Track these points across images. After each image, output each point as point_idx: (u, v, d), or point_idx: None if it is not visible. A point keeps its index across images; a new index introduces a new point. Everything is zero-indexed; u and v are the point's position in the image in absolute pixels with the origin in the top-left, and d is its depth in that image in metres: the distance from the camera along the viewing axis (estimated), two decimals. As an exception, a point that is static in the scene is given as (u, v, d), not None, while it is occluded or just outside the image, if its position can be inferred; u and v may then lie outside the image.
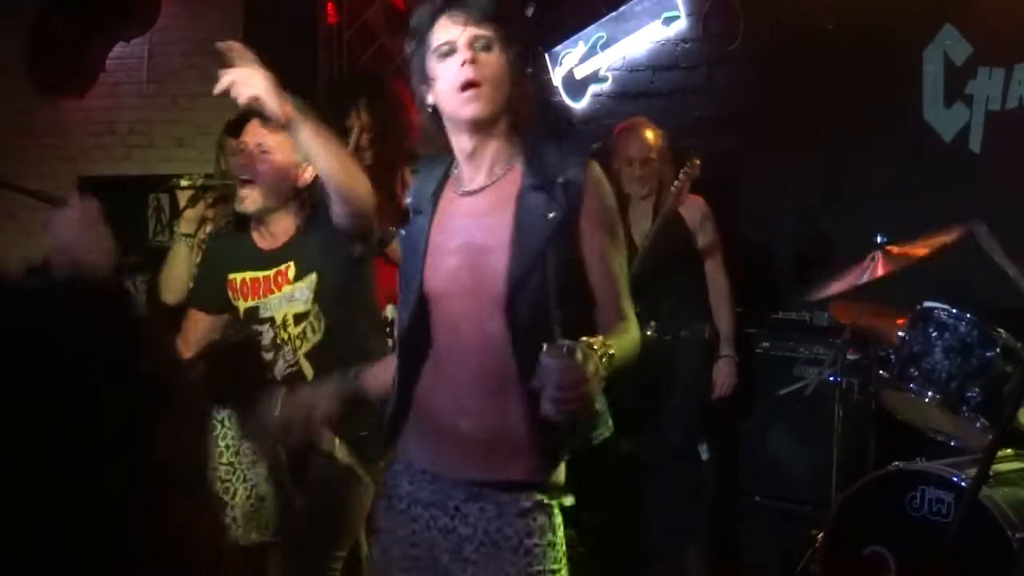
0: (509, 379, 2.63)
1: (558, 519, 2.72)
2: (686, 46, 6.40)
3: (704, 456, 5.52)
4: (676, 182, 5.21)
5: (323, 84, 7.00)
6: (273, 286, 3.63)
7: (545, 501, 2.69)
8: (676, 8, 6.37)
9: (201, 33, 6.99)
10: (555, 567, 2.70)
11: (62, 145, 7.33)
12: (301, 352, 3.62)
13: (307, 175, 3.60)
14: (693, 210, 5.38)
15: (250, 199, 3.61)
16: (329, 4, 7.13)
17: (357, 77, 6.30)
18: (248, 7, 6.87)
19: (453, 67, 2.65)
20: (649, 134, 5.46)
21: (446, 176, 2.81)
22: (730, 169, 5.86)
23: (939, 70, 5.58)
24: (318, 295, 3.59)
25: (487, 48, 2.66)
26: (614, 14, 6.53)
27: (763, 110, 6.01)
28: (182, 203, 4.59)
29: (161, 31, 6.97)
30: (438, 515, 2.74)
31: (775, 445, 5.48)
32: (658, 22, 6.42)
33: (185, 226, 4.55)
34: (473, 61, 2.63)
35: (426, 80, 2.71)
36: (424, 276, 2.73)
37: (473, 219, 2.71)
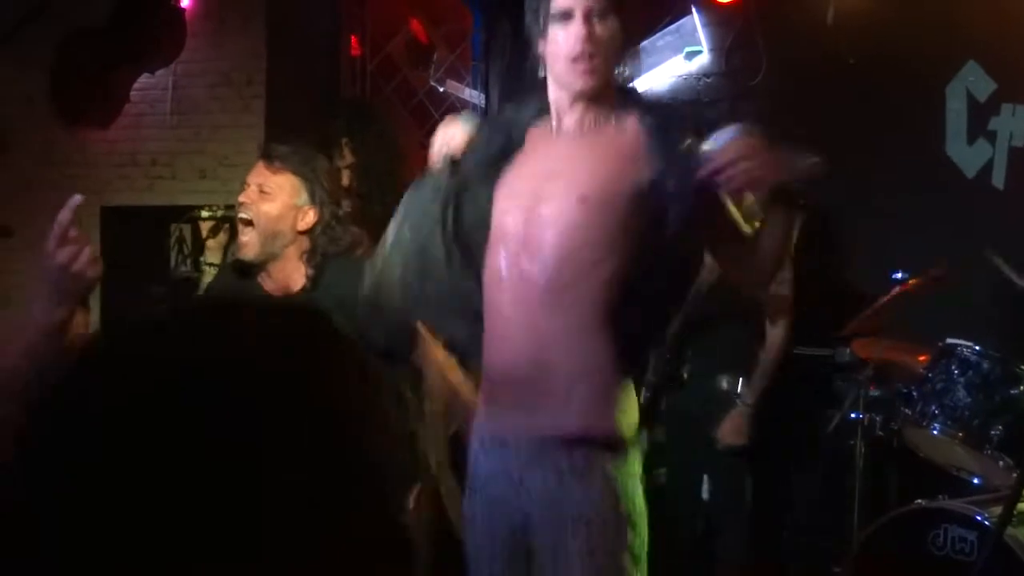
0: (560, 316, 2.67)
1: (628, 483, 2.67)
2: (708, 81, 6.40)
3: (705, 496, 5.35)
4: None
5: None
6: None
7: (606, 465, 2.65)
8: (698, 43, 6.38)
9: (225, 65, 7.04)
10: (629, 541, 2.65)
11: (85, 175, 7.35)
12: None
13: (309, 218, 3.49)
14: None
15: (249, 246, 3.50)
16: (352, 36, 7.18)
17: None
18: (272, 39, 6.91)
19: (570, 36, 2.69)
20: None
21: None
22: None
23: (962, 106, 5.57)
24: None
25: (603, 16, 2.68)
26: (636, 49, 6.55)
27: (784, 144, 5.99)
28: (204, 233, 4.62)
29: (185, 63, 7.01)
30: (507, 488, 2.73)
31: (796, 482, 5.44)
32: (680, 56, 6.43)
33: (211, 256, 4.59)
34: (590, 34, 2.67)
35: (542, 34, 2.76)
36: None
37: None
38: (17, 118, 7.26)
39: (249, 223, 3.49)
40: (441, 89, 6.93)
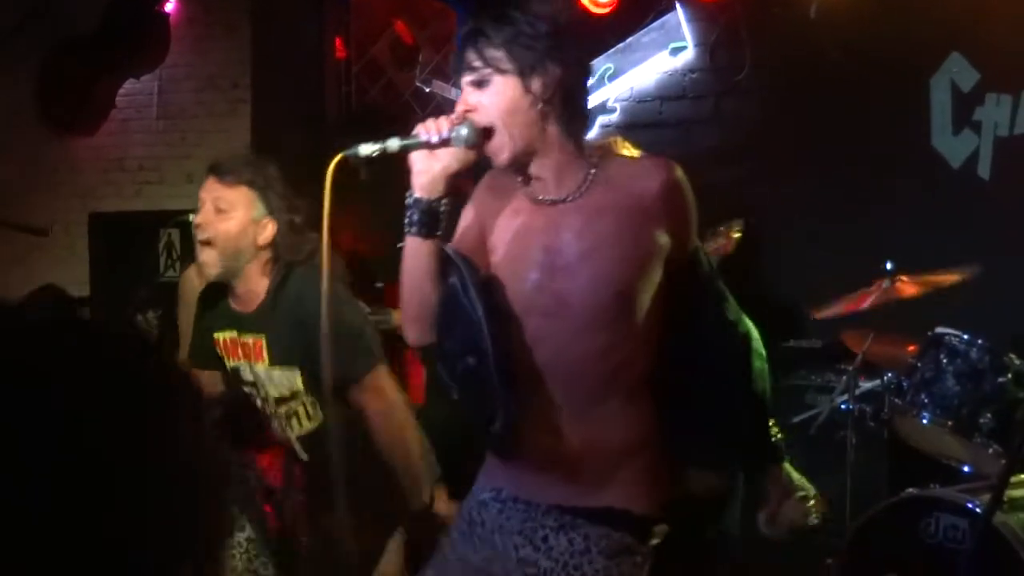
0: (600, 396, 2.56)
1: (648, 565, 2.61)
2: (694, 76, 6.42)
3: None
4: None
5: (331, 118, 7.04)
6: (252, 354, 3.43)
7: (635, 546, 2.57)
8: (683, 39, 6.40)
9: (211, 69, 7.04)
10: None
11: (72, 182, 7.36)
12: (293, 434, 3.44)
13: (268, 231, 3.37)
14: None
15: (210, 263, 3.39)
16: (337, 39, 7.19)
17: (357, 110, 6.28)
18: (257, 43, 6.92)
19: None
20: (625, 153, 5.16)
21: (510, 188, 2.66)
22: (738, 199, 5.87)
23: (947, 97, 5.60)
24: (308, 387, 3.37)
25: (482, 84, 2.51)
26: (621, 45, 6.56)
27: (771, 140, 6.02)
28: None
29: (171, 68, 7.01)
30: (523, 544, 2.61)
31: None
32: (665, 52, 6.45)
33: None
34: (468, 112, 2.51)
35: None
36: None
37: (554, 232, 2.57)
38: (4, 126, 7.25)
39: (208, 243, 3.38)
40: (427, 89, 6.93)
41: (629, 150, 5.01)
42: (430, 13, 7.21)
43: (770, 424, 2.74)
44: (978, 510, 3.94)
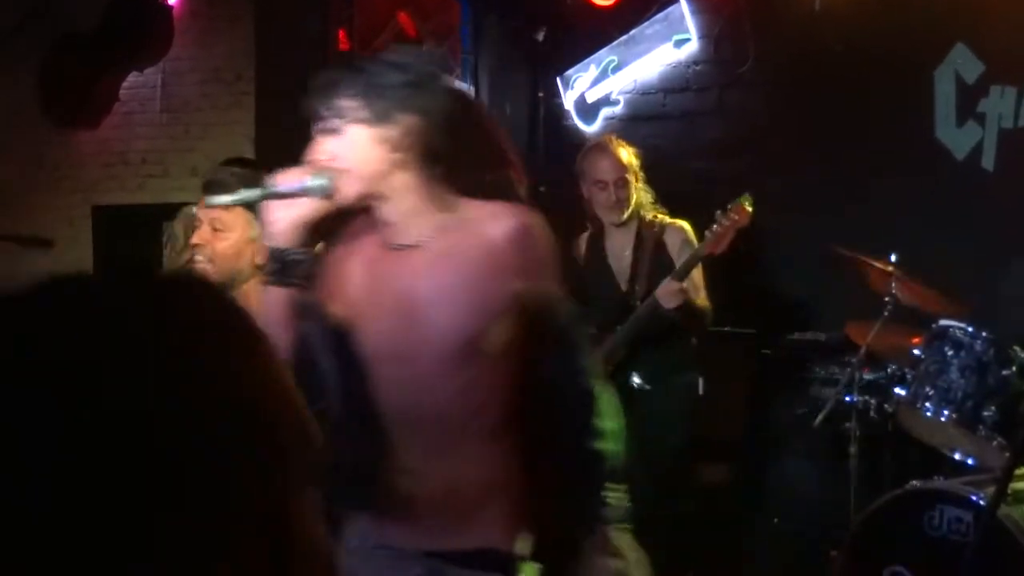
0: (458, 438, 2.55)
1: None
2: (697, 68, 6.42)
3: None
4: (715, 226, 4.65)
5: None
6: None
7: None
8: (687, 31, 6.39)
9: (214, 62, 7.03)
10: None
11: (75, 176, 7.35)
12: None
13: (266, 251, 3.36)
14: (674, 236, 4.90)
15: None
16: (341, 31, 7.17)
17: None
18: (260, 36, 6.90)
19: None
20: (621, 152, 4.92)
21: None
22: (741, 190, 5.86)
23: (951, 89, 5.59)
24: None
25: (334, 134, 2.49)
26: (625, 37, 6.56)
27: (775, 131, 6.02)
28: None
29: (174, 60, 7.00)
30: None
31: (791, 466, 5.46)
32: (669, 45, 6.44)
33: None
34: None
35: None
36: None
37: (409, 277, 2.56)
38: (7, 121, 7.25)
39: (206, 262, 3.36)
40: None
41: (625, 148, 4.98)
42: (433, 5, 7.20)
43: (601, 486, 2.68)
44: (982, 503, 3.95)
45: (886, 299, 4.61)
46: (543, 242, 2.60)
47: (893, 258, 4.64)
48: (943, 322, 4.43)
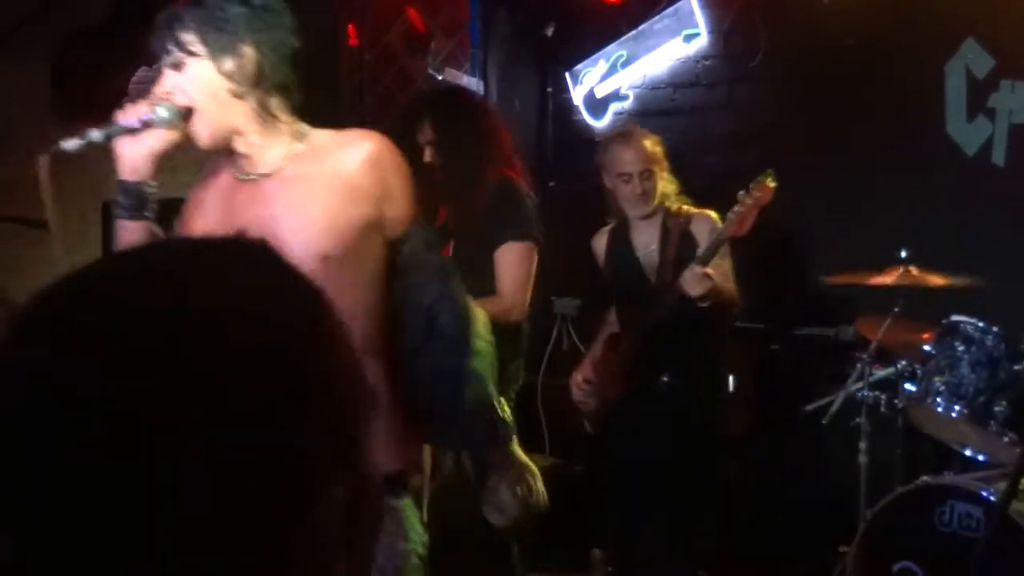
0: None
1: (409, 514, 2.67)
2: (707, 63, 6.40)
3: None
4: (737, 207, 4.52)
5: (344, 105, 7.03)
6: None
7: (392, 504, 2.61)
8: (696, 25, 6.38)
9: (223, 57, 7.03)
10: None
11: (85, 170, 7.34)
12: None
13: None
14: (701, 226, 4.80)
15: None
16: (350, 26, 7.17)
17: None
18: (270, 30, 6.90)
19: None
20: (645, 142, 4.83)
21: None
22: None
23: (961, 84, 5.56)
24: None
25: (176, 67, 2.59)
26: (634, 32, 6.55)
27: (785, 126, 6.01)
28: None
29: (183, 55, 7.01)
30: None
31: (802, 462, 5.45)
32: (679, 39, 6.43)
33: None
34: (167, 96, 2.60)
35: None
36: None
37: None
38: (18, 114, 7.26)
39: None
40: (439, 77, 6.92)
41: (648, 139, 4.93)
42: (442, 0, 7.19)
43: (493, 404, 2.73)
44: (993, 499, 3.94)
45: (897, 295, 4.61)
46: (398, 169, 2.66)
47: (903, 254, 4.63)
48: (954, 317, 4.42)
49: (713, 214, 4.83)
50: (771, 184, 4.55)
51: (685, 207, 4.89)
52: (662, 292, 4.73)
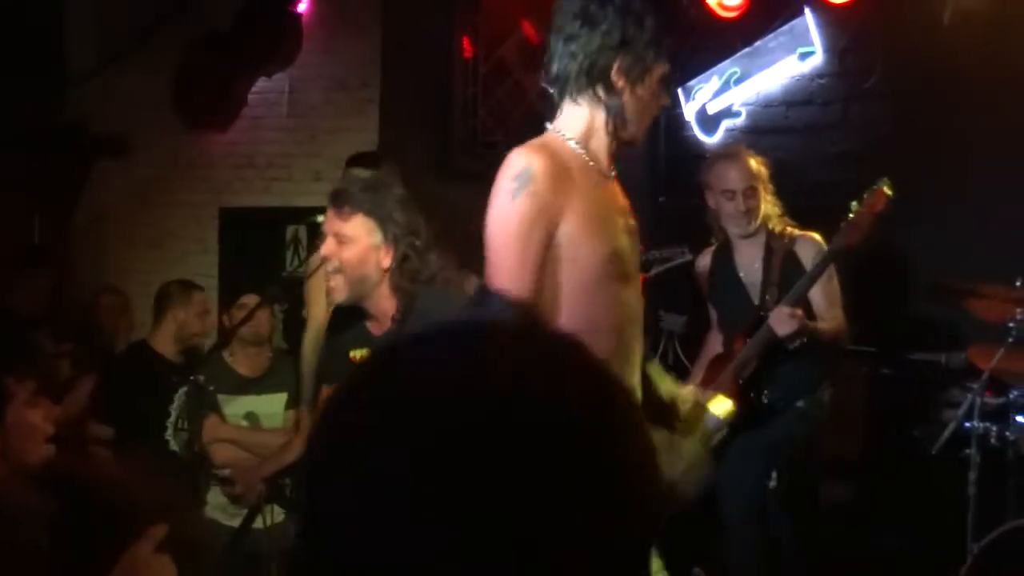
0: None
1: None
2: (822, 82, 6.34)
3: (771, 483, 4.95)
4: (851, 215, 4.48)
5: (457, 118, 7.10)
6: None
7: None
8: (812, 43, 6.32)
9: (340, 69, 7.15)
10: None
11: (206, 177, 7.54)
12: None
13: (390, 257, 3.45)
14: (807, 248, 4.75)
15: (338, 290, 3.50)
16: (464, 38, 7.23)
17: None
18: (386, 43, 7.00)
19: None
20: (751, 161, 4.83)
21: None
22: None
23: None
24: None
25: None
26: (749, 49, 6.51)
27: (900, 147, 5.92)
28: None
29: (301, 67, 7.13)
30: None
31: (909, 489, 5.37)
32: (793, 57, 6.38)
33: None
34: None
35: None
36: None
37: None
38: (143, 121, 7.46)
39: (335, 271, 3.49)
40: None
41: (753, 157, 4.91)
42: (557, 14, 7.22)
43: None
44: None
45: (1010, 324, 4.51)
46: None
47: (1018, 283, 4.53)
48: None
49: (817, 236, 4.78)
50: (887, 191, 4.48)
51: (789, 228, 4.84)
52: (768, 312, 4.69)
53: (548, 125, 2.81)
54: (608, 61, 2.73)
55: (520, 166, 2.61)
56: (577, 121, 2.78)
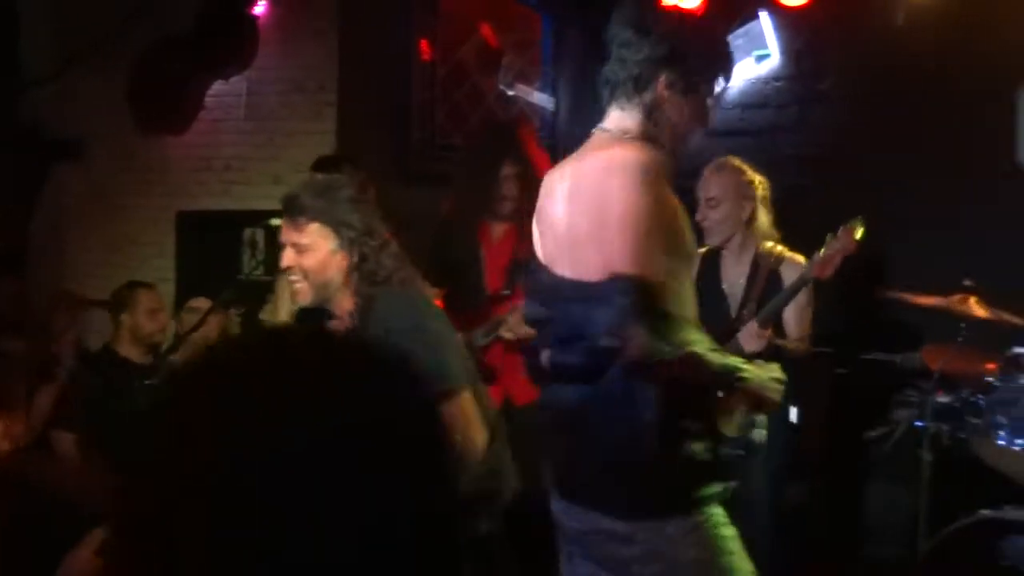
0: None
1: None
2: (777, 84, 6.38)
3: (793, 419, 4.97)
4: (823, 250, 4.40)
5: (415, 121, 7.10)
6: None
7: None
8: (767, 46, 6.35)
9: (298, 72, 7.13)
10: None
11: (162, 180, 7.51)
12: None
13: (347, 260, 3.50)
14: (791, 271, 4.65)
15: (303, 293, 3.56)
16: (423, 42, 7.23)
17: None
18: (343, 46, 6.99)
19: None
20: (732, 175, 4.78)
21: None
22: (820, 207, 5.81)
23: (1035, 111, 5.49)
24: None
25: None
26: (704, 52, 6.53)
27: (854, 149, 5.96)
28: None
29: (259, 69, 7.11)
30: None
31: (864, 489, 5.40)
32: (749, 60, 6.40)
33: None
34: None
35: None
36: None
37: None
38: (101, 124, 7.42)
39: (298, 279, 3.55)
40: (510, 93, 6.97)
41: (731, 168, 4.88)
42: (516, 17, 7.24)
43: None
44: (1053, 535, 3.89)
45: (961, 324, 4.55)
46: None
47: (966, 282, 4.57)
48: (1017, 349, 4.37)
49: (804, 260, 4.68)
50: (857, 234, 4.43)
51: (779, 249, 4.83)
52: (739, 328, 4.68)
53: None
54: (655, 72, 2.81)
55: (646, 159, 2.72)
56: (623, 125, 2.88)
